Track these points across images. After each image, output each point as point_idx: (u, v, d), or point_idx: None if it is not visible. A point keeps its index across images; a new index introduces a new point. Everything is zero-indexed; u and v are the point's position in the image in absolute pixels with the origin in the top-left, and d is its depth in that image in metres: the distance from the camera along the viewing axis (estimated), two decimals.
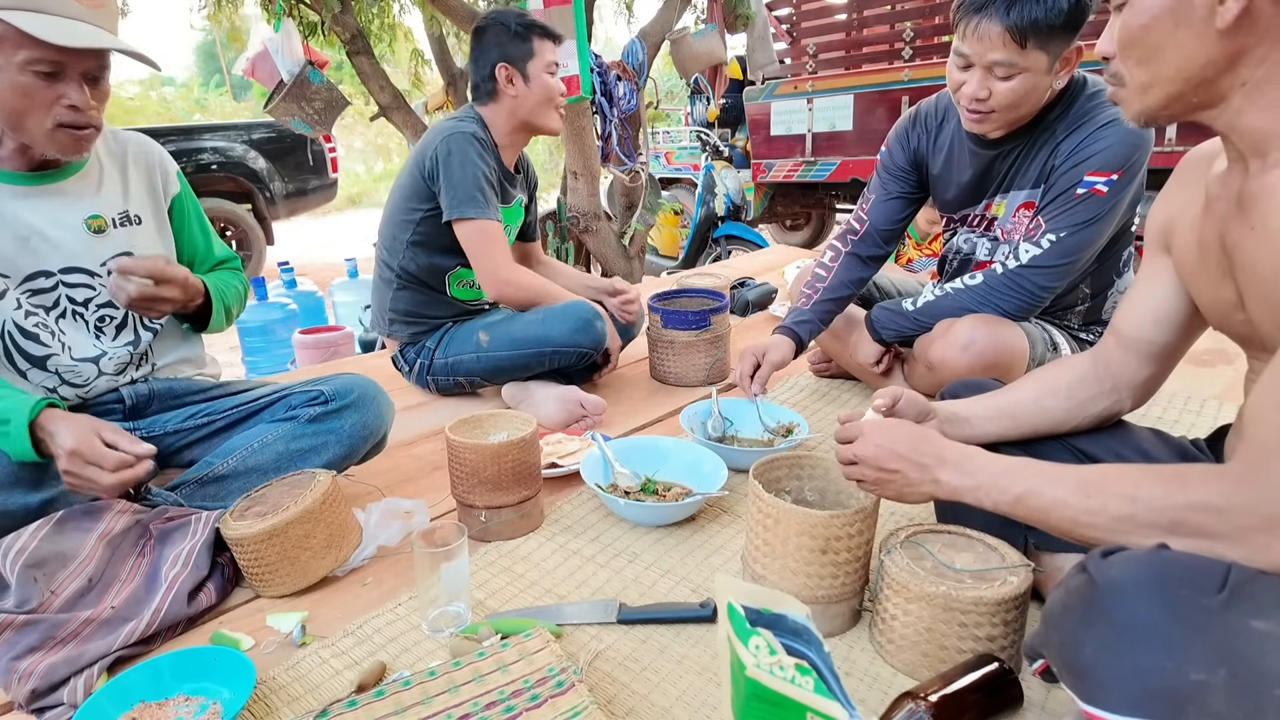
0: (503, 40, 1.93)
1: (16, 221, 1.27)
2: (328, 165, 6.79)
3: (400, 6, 5.35)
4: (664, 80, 10.06)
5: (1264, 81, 0.76)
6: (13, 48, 1.14)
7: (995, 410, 1.14)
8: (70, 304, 1.34)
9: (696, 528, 1.43)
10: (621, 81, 3.95)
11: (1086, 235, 1.51)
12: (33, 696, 0.99)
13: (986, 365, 1.54)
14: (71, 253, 1.32)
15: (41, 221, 1.29)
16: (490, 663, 0.96)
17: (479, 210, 1.89)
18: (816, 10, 5.00)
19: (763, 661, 0.74)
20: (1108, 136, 1.48)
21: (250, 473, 1.39)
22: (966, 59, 1.47)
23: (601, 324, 1.97)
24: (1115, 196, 1.49)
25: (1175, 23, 0.78)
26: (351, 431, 1.46)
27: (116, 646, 1.07)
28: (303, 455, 1.42)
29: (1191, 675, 0.61)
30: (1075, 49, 1.44)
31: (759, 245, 4.85)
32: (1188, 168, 0.99)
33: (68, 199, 1.33)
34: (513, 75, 1.95)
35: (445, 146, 1.90)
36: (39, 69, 1.16)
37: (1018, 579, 1.00)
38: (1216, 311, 0.92)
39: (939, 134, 1.76)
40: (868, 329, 1.81)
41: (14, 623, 1.05)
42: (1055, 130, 1.56)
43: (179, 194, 1.50)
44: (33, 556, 1.13)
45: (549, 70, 1.96)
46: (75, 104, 1.20)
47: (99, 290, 1.36)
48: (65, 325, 1.34)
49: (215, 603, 1.22)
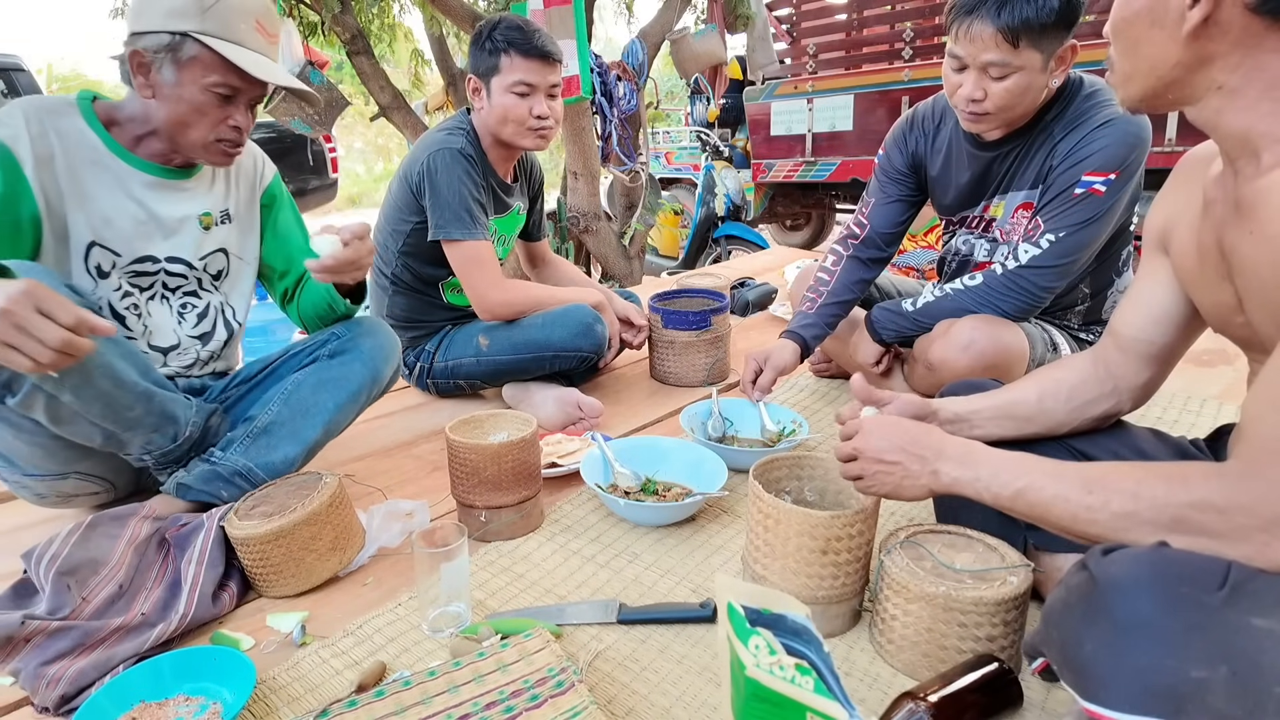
0: (476, 49, 1.89)
1: (143, 208, 1.38)
2: (328, 165, 6.80)
3: (400, 7, 5.35)
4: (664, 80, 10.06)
5: (1242, 85, 0.77)
6: (204, 70, 1.28)
7: (996, 410, 1.15)
8: (163, 289, 1.44)
9: (697, 528, 1.43)
10: (621, 82, 3.95)
11: (1085, 235, 1.51)
12: (62, 701, 1.00)
13: (986, 366, 1.54)
14: (179, 244, 1.43)
15: (163, 211, 1.40)
16: (490, 663, 0.96)
17: (465, 232, 1.86)
18: (816, 10, 5.00)
19: (763, 661, 0.75)
20: (1105, 136, 1.48)
21: (295, 413, 1.46)
22: (961, 61, 1.48)
23: (602, 328, 1.97)
24: (1113, 196, 1.49)
25: (1151, 22, 0.80)
26: (371, 353, 1.55)
27: (146, 649, 1.08)
28: (335, 383, 1.50)
29: (1192, 673, 0.61)
30: (1070, 46, 1.44)
31: (759, 245, 4.85)
32: (1186, 169, 0.99)
33: (187, 194, 1.44)
34: (479, 88, 1.90)
35: (431, 163, 1.86)
36: (219, 92, 1.30)
37: (1018, 579, 1.00)
38: (1216, 315, 0.92)
39: (936, 136, 1.76)
40: (867, 329, 1.81)
41: (46, 629, 1.05)
42: (1053, 131, 1.56)
43: (274, 193, 1.61)
44: (65, 563, 1.14)
45: (516, 90, 1.85)
46: (239, 125, 1.36)
47: (190, 280, 1.47)
48: (154, 307, 1.43)
49: (237, 604, 1.23)
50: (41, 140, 1.26)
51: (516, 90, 1.85)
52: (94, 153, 1.32)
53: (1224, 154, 0.85)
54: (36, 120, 1.26)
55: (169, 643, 1.12)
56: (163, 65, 1.28)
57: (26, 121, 1.25)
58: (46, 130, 1.27)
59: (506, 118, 1.87)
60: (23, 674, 1.02)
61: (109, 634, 1.08)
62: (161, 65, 1.28)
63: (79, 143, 1.30)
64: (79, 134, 1.31)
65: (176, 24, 1.25)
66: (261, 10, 1.32)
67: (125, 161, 1.35)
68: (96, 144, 1.32)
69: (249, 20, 1.30)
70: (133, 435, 1.29)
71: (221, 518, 1.27)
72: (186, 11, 1.25)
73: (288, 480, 1.34)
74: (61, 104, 1.32)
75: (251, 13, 1.31)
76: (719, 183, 5.25)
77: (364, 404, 1.57)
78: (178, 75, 1.28)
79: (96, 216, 1.32)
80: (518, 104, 1.86)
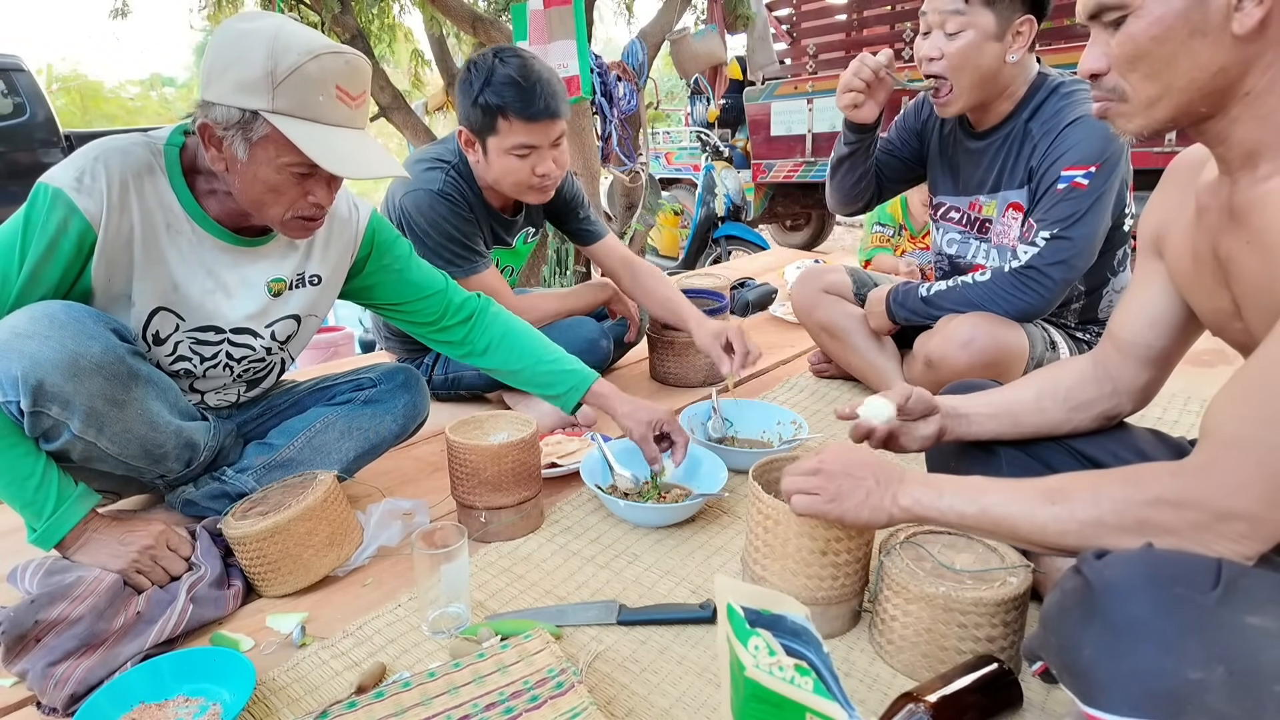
0: (467, 102, 1.69)
1: (212, 275, 1.27)
2: None
3: (400, 7, 5.35)
4: (664, 80, 10.06)
5: (1265, 91, 0.76)
6: (276, 150, 1.13)
7: (996, 408, 1.15)
8: (228, 359, 1.35)
9: (696, 529, 1.43)
10: (621, 82, 3.95)
11: (1080, 229, 1.54)
12: (70, 700, 1.00)
13: (986, 363, 1.56)
14: (246, 314, 1.32)
15: (232, 279, 1.30)
16: (490, 664, 0.96)
17: (462, 270, 1.77)
18: (816, 10, 5.00)
19: (762, 662, 0.75)
20: (1077, 132, 1.54)
21: (315, 453, 1.44)
22: (927, 24, 1.61)
23: (607, 343, 2.00)
24: (1098, 188, 1.53)
25: (1190, 32, 0.76)
26: (405, 410, 1.55)
27: (148, 646, 1.09)
28: (362, 433, 1.49)
29: (1189, 674, 0.61)
30: (1026, 20, 1.54)
31: (759, 246, 4.86)
32: (1176, 173, 0.99)
33: (259, 261, 1.33)
34: (472, 141, 1.73)
35: (406, 210, 1.75)
36: (296, 171, 1.16)
37: (1017, 580, 1.00)
38: (1214, 320, 0.93)
39: (944, 121, 1.83)
40: (886, 304, 1.82)
41: (54, 626, 1.06)
42: (1030, 130, 1.62)
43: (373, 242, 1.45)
44: (53, 566, 1.16)
45: (517, 153, 1.68)
46: (320, 203, 1.21)
47: (257, 350, 1.37)
48: (212, 373, 1.35)
49: (242, 603, 1.24)
50: (123, 213, 1.16)
51: (517, 153, 1.70)
52: (170, 216, 1.21)
53: (1222, 163, 0.84)
54: (120, 187, 1.15)
55: (170, 643, 1.12)
56: (235, 142, 1.13)
57: (109, 189, 1.14)
58: (129, 203, 1.17)
59: (506, 179, 1.75)
60: (30, 674, 1.03)
61: (112, 633, 1.08)
62: (234, 142, 1.13)
63: (157, 206, 1.20)
64: (159, 199, 1.20)
65: (248, 100, 1.09)
66: (344, 73, 1.13)
67: (201, 225, 1.24)
68: (174, 206, 1.22)
69: (328, 89, 1.12)
70: (156, 466, 1.27)
71: (210, 524, 1.28)
72: (258, 88, 1.09)
73: (283, 481, 1.35)
74: (149, 159, 1.20)
75: (331, 79, 1.11)
76: (719, 183, 5.26)
77: (381, 454, 1.56)
78: (250, 153, 1.14)
79: (166, 282, 1.23)
80: (519, 165, 1.71)
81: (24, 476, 1.13)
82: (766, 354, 2.42)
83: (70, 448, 1.14)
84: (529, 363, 1.51)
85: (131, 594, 1.16)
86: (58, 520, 1.15)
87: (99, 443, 1.15)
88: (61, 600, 1.08)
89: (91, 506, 1.19)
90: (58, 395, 1.08)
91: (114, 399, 1.14)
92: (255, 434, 1.49)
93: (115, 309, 1.21)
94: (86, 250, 1.15)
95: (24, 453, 1.13)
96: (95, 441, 1.15)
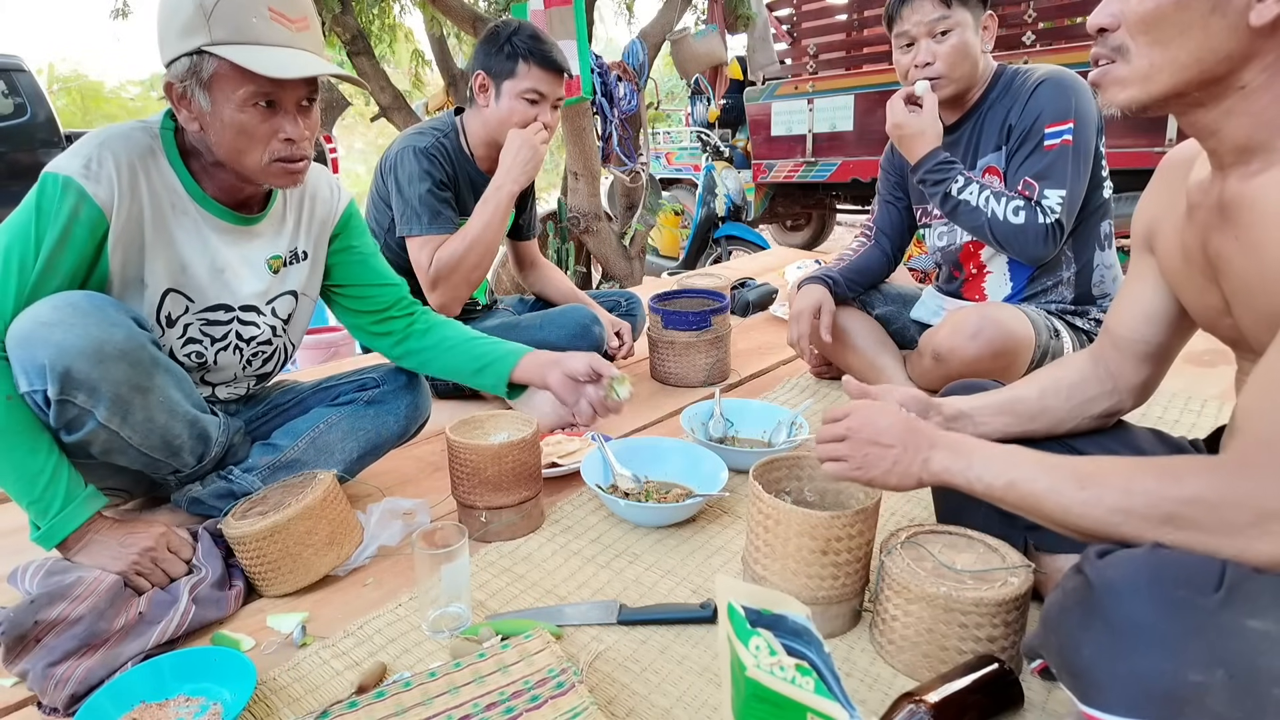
0: (492, 49, 1.92)
1: (217, 255, 1.29)
2: (328, 166, 6.78)
3: (401, 7, 5.36)
4: (664, 81, 10.06)
5: (1261, 88, 0.76)
6: (231, 85, 1.13)
7: (997, 407, 1.15)
8: (238, 339, 1.36)
9: (697, 528, 1.43)
10: (622, 82, 3.95)
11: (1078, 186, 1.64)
12: (71, 700, 1.00)
13: (995, 353, 1.61)
14: (252, 292, 1.34)
15: (234, 258, 1.31)
16: (490, 664, 0.96)
17: (422, 227, 1.89)
18: (817, 10, 5.00)
19: (763, 662, 0.75)
20: (1044, 94, 1.65)
21: (319, 454, 1.44)
22: (908, 37, 1.70)
23: (599, 329, 2.01)
24: (1082, 141, 1.62)
25: (1212, 7, 0.75)
26: (408, 412, 1.56)
27: (150, 646, 1.09)
28: (365, 434, 1.50)
29: (1189, 676, 0.61)
30: (989, 15, 1.70)
31: (760, 246, 4.85)
32: (1168, 170, 0.99)
33: (257, 239, 1.35)
34: (487, 85, 1.94)
35: (397, 159, 1.90)
36: (254, 104, 1.15)
37: (1018, 580, 1.00)
38: (1204, 316, 0.93)
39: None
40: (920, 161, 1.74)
41: (54, 626, 1.06)
42: (997, 106, 1.74)
43: (347, 221, 1.49)
44: (54, 567, 1.15)
45: (527, 97, 1.90)
46: (291, 137, 1.19)
47: (263, 329, 1.38)
48: (224, 357, 1.36)
49: (243, 604, 1.24)
50: (133, 197, 1.17)
51: (528, 96, 1.90)
52: (174, 196, 1.23)
53: (1214, 157, 0.83)
54: (128, 170, 1.17)
55: (171, 643, 1.12)
56: (194, 91, 1.14)
57: (117, 174, 1.15)
58: (139, 183, 1.18)
59: (511, 120, 1.91)
60: (31, 674, 1.03)
61: (113, 633, 1.08)
62: (194, 91, 1.14)
63: (164, 187, 1.22)
64: (163, 181, 1.22)
65: (189, 42, 1.11)
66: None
67: (202, 205, 1.26)
68: (177, 187, 1.23)
69: (260, 10, 1.13)
70: (173, 459, 1.27)
71: (209, 525, 1.28)
72: (194, 26, 1.11)
73: (283, 481, 1.35)
74: (149, 143, 1.21)
75: (261, 1, 1.13)
76: (719, 183, 5.25)
77: (383, 454, 1.57)
78: (211, 98, 1.14)
79: (175, 263, 1.24)
80: (526, 110, 1.91)
81: (34, 473, 1.13)
82: (767, 354, 2.44)
83: (93, 438, 1.15)
84: (462, 353, 1.55)
85: (132, 595, 1.16)
86: (62, 520, 1.15)
87: (122, 431, 1.16)
88: (61, 600, 1.08)
89: (98, 509, 1.19)
90: (84, 382, 1.08)
91: (138, 385, 1.14)
92: (260, 433, 1.50)
93: (130, 294, 1.22)
94: (100, 237, 1.15)
95: (37, 449, 1.13)
96: (119, 430, 1.15)
